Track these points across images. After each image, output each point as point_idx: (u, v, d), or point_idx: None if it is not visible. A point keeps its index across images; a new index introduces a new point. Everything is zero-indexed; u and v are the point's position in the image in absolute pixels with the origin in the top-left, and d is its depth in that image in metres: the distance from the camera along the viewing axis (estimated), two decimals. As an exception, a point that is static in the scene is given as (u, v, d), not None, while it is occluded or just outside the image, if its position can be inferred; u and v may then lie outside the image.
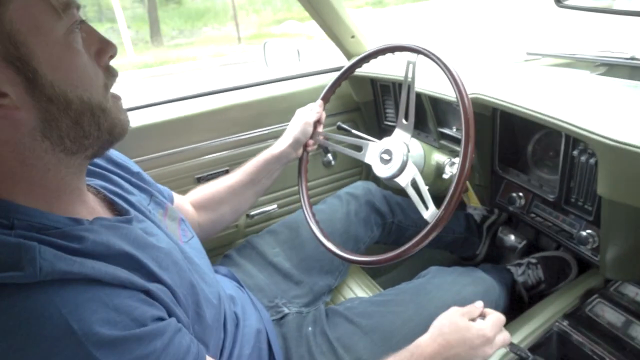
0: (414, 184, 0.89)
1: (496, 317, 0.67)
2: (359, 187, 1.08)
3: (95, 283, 0.38)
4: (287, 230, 0.97)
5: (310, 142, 0.94)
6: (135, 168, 0.67)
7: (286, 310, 0.82)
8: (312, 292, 0.90)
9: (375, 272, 1.26)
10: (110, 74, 0.46)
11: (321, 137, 0.94)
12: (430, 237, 0.71)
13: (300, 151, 0.93)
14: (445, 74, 0.69)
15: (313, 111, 0.92)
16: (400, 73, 1.07)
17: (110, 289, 0.39)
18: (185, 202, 0.84)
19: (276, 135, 1.20)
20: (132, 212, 0.54)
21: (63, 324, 0.34)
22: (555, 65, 1.00)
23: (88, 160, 0.48)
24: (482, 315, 0.69)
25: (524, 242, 1.20)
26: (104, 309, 0.37)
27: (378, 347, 0.74)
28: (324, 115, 0.95)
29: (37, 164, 0.41)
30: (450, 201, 0.67)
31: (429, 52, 0.72)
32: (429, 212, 0.74)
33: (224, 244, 1.17)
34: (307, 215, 0.89)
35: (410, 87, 0.79)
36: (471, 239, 1.23)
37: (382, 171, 0.84)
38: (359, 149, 0.89)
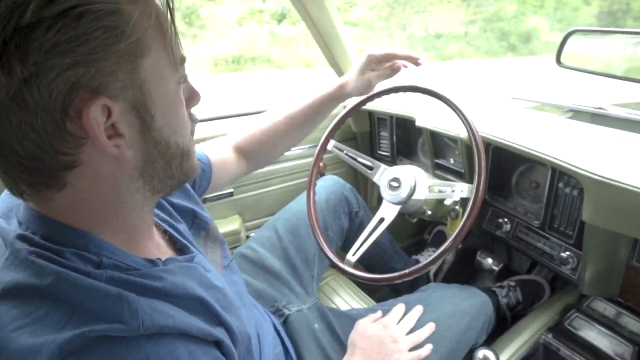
0: (421, 211, 0.98)
1: (405, 322, 0.81)
2: (328, 179, 1.13)
3: (183, 336, 0.40)
4: (269, 233, 1.00)
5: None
6: None
7: (287, 312, 0.85)
8: (304, 285, 0.94)
9: (369, 287, 1.32)
10: (192, 121, 0.50)
11: (333, 147, 0.99)
12: (439, 261, 0.79)
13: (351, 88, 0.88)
14: (460, 117, 0.79)
15: (381, 72, 0.86)
16: (396, 107, 1.19)
17: (193, 344, 0.41)
18: (227, 152, 0.86)
19: (282, 160, 1.25)
20: (191, 248, 0.57)
21: None
22: (534, 109, 1.16)
23: (162, 196, 0.51)
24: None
25: (501, 265, 1.32)
26: None
27: None
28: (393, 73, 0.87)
29: (127, 202, 0.44)
30: (464, 224, 0.75)
31: (442, 95, 0.82)
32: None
33: None
34: (322, 245, 0.92)
35: None
36: (419, 284, 1.28)
37: (390, 196, 0.92)
38: (369, 167, 0.97)
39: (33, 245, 0.39)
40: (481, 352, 0.74)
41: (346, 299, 1.08)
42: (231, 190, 1.17)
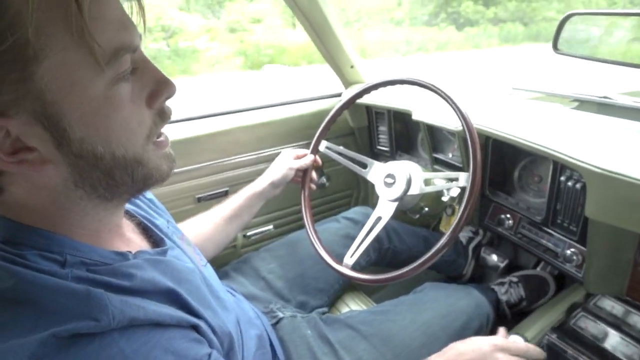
0: (418, 208, 0.95)
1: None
2: (357, 212, 1.12)
3: (157, 326, 0.39)
4: (285, 247, 1.00)
5: (314, 178, 1.01)
6: (149, 194, 0.66)
7: (281, 315, 0.84)
8: (303, 307, 0.93)
9: (369, 289, 1.30)
10: (161, 119, 0.44)
11: (324, 148, 0.99)
12: (435, 259, 0.76)
13: (279, 190, 0.96)
14: (454, 109, 0.76)
15: (300, 160, 0.97)
16: (393, 101, 1.15)
17: (168, 331, 0.40)
18: None
19: (275, 158, 1.24)
20: (166, 240, 0.55)
21: None
22: (536, 99, 1.12)
23: (125, 202, 0.48)
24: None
25: (506, 262, 1.28)
26: (166, 354, 0.38)
27: (378, 349, 0.78)
28: (311, 163, 0.98)
29: (74, 209, 0.41)
30: (458, 223, 0.72)
31: (437, 88, 0.79)
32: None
33: (220, 264, 1.17)
34: (310, 231, 0.92)
35: None
36: (458, 261, 1.30)
37: (386, 193, 0.89)
38: (363, 165, 0.94)
39: None
40: (512, 337, 0.73)
41: (346, 301, 1.06)
42: (226, 189, 1.15)
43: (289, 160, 0.96)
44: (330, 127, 0.99)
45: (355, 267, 0.87)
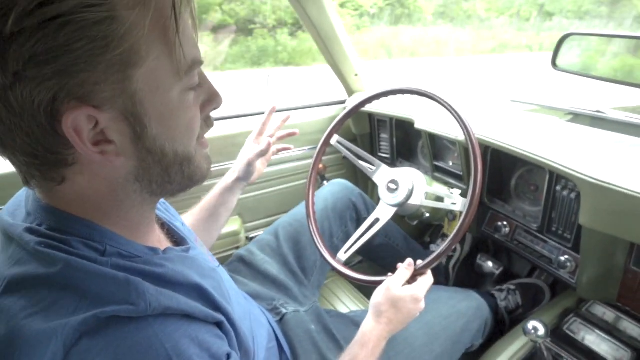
0: (419, 214, 0.98)
1: (426, 279, 0.76)
2: (336, 183, 1.13)
3: (186, 317, 0.42)
4: (270, 237, 1.01)
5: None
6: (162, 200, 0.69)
7: (284, 311, 0.86)
8: (302, 291, 0.95)
9: (367, 289, 1.32)
10: (206, 124, 0.48)
11: (336, 142, 0.98)
12: (438, 261, 0.78)
13: (255, 177, 0.95)
14: (457, 120, 0.79)
15: (254, 150, 0.93)
16: (396, 109, 1.19)
17: (196, 324, 0.43)
18: None
19: (282, 161, 1.26)
20: (187, 240, 0.59)
21: (166, 357, 0.38)
22: (533, 112, 1.16)
23: (162, 198, 0.52)
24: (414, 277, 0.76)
25: (501, 269, 1.31)
26: (193, 344, 0.40)
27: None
28: (265, 146, 0.93)
29: (125, 201, 0.45)
30: (458, 232, 0.75)
31: (439, 98, 0.82)
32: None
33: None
34: (316, 240, 0.93)
35: None
36: (439, 279, 1.31)
37: (387, 198, 0.92)
38: (370, 166, 0.97)
39: (40, 236, 0.40)
40: (531, 324, 0.79)
41: (344, 301, 1.08)
42: (231, 190, 1.17)
43: (249, 152, 0.93)
44: (343, 124, 0.99)
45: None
